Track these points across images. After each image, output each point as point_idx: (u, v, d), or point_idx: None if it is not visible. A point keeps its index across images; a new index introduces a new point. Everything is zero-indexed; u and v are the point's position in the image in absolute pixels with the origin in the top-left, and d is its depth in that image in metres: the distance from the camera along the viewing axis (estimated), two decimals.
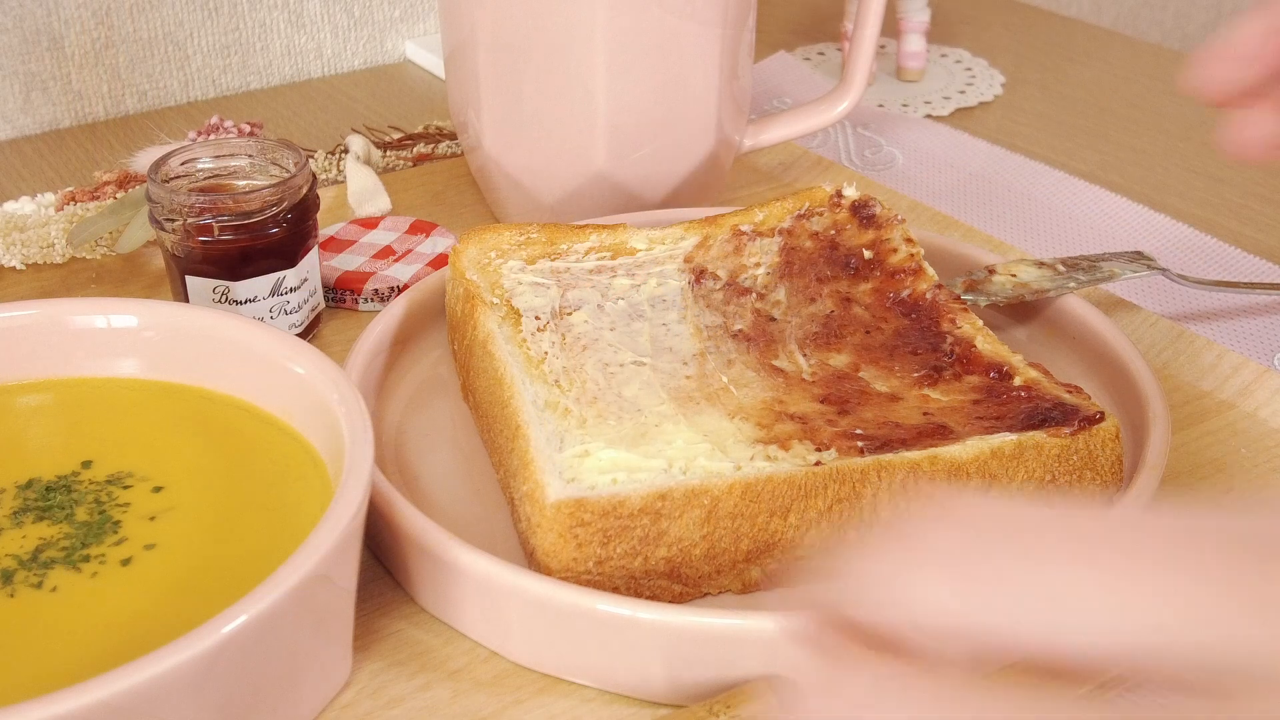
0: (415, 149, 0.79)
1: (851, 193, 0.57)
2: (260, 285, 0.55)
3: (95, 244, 0.66)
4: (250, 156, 0.57)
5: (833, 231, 0.56)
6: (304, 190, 0.56)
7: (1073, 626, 0.22)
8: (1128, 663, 0.22)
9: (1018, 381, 0.48)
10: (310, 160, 0.74)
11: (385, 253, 0.64)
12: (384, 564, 0.46)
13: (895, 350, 0.51)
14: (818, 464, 0.43)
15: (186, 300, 0.56)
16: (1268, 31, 0.50)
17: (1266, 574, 0.21)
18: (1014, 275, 0.58)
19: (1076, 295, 0.57)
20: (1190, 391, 0.55)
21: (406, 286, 0.61)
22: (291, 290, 0.56)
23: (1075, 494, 0.45)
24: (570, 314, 0.52)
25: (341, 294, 0.62)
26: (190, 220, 0.54)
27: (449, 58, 0.67)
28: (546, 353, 0.49)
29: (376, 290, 0.62)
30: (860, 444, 0.44)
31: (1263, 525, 0.22)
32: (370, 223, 0.68)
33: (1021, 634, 0.22)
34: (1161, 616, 0.21)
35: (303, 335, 0.58)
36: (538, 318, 0.51)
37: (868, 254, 0.55)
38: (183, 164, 0.57)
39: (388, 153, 0.78)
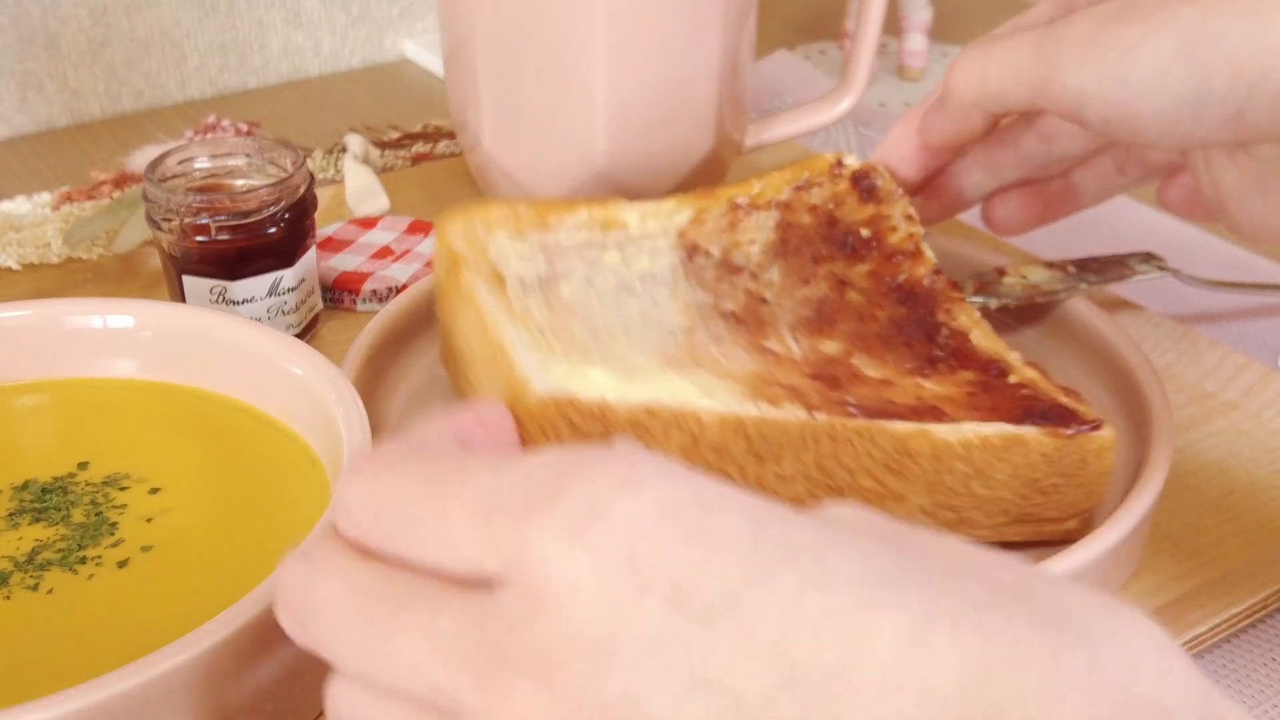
0: (414, 148, 0.79)
1: (852, 162, 0.56)
2: (258, 285, 0.55)
3: (92, 244, 0.65)
4: (248, 156, 0.57)
5: (831, 205, 0.55)
6: (302, 190, 0.55)
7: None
8: None
9: (1013, 379, 0.47)
10: (308, 159, 0.74)
11: (384, 253, 0.64)
12: None
13: (889, 340, 0.50)
14: (811, 413, 0.42)
15: (183, 300, 0.55)
16: (915, 138, 0.55)
17: None
18: (1024, 277, 0.58)
19: (1081, 296, 0.57)
20: (1194, 392, 0.55)
21: (405, 286, 0.61)
22: (289, 290, 0.56)
23: (1056, 497, 0.44)
24: (558, 284, 0.50)
25: (339, 294, 0.61)
26: (187, 220, 0.53)
27: (448, 56, 0.66)
28: (532, 311, 0.48)
29: (375, 290, 0.61)
30: (853, 410, 0.43)
31: None
32: (368, 222, 0.67)
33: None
34: None
35: (300, 336, 0.57)
36: (524, 283, 0.50)
37: (865, 233, 0.54)
38: (180, 163, 0.56)
39: (386, 152, 0.78)
